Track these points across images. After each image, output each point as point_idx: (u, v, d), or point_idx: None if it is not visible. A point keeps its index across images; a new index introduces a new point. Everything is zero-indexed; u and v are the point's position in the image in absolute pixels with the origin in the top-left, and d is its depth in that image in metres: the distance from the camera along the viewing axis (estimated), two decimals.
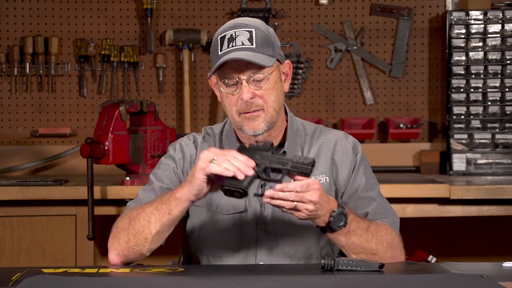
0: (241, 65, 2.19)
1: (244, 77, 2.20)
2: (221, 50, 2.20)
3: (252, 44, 2.20)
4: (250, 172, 2.03)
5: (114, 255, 2.23)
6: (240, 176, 2.02)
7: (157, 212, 2.16)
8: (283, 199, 2.04)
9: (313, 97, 4.53)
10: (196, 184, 2.07)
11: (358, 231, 2.16)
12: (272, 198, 2.04)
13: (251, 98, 2.21)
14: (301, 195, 2.04)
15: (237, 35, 2.20)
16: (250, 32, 2.21)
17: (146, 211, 2.18)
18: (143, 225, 2.17)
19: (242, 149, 2.10)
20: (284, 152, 2.22)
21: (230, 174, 2.02)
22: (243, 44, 2.19)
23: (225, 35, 2.21)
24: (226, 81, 2.22)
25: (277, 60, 2.26)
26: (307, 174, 2.06)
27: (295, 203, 2.04)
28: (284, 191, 2.03)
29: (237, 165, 2.03)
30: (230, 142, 2.33)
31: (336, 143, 2.35)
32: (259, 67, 2.20)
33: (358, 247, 2.18)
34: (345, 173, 2.33)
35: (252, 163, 2.05)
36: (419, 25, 4.51)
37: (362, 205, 2.31)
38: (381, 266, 2.07)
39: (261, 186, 2.26)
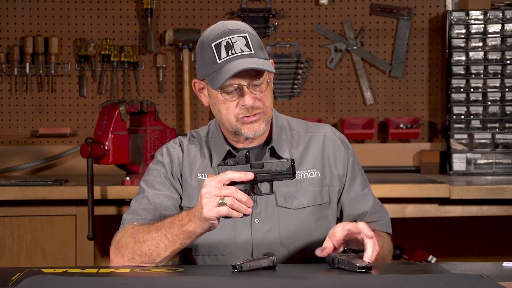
0: (242, 72, 2.19)
1: (245, 83, 2.21)
2: (220, 58, 2.19)
3: (250, 50, 2.20)
4: (251, 203, 2.05)
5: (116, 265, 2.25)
6: (248, 212, 2.05)
7: (167, 241, 2.16)
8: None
9: (313, 97, 4.53)
10: (208, 224, 2.08)
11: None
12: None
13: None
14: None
15: (234, 42, 2.20)
16: (245, 37, 2.21)
17: (152, 235, 2.18)
18: (151, 249, 2.18)
19: (222, 166, 2.13)
20: (262, 163, 2.13)
21: (240, 215, 2.04)
22: (242, 51, 2.19)
23: (220, 42, 2.20)
24: (225, 88, 2.21)
25: None
26: (290, 178, 2.08)
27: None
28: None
29: (243, 199, 2.03)
30: (216, 143, 2.35)
31: (325, 137, 2.39)
32: (258, 72, 2.21)
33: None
34: (339, 168, 2.37)
35: (251, 175, 2.06)
36: (419, 25, 4.51)
37: (361, 204, 2.37)
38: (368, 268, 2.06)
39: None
